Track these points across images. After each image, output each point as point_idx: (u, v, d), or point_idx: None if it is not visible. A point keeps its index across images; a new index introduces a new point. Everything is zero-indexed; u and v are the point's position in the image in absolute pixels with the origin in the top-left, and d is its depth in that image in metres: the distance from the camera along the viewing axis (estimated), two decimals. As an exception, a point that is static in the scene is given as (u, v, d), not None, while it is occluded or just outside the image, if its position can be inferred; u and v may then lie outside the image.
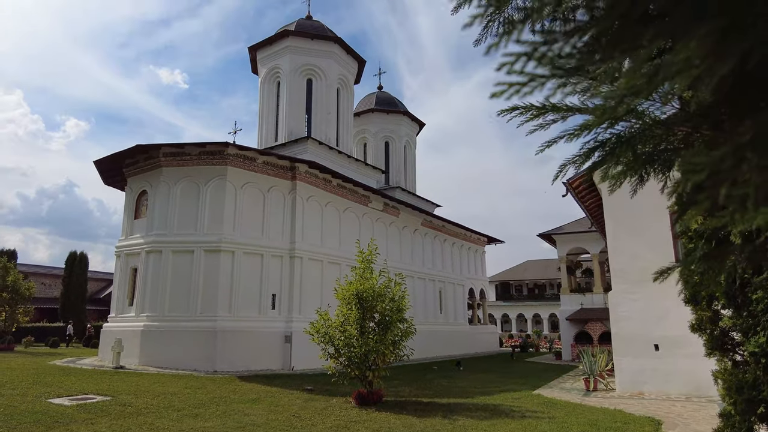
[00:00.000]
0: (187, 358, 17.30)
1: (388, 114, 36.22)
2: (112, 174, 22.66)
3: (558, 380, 16.67)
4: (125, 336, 18.17)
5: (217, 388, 13.05)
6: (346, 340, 11.20)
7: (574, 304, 28.55)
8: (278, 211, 20.47)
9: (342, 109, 29.64)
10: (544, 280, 58.53)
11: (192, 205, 19.21)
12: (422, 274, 29.42)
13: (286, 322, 19.47)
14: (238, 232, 19.08)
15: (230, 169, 19.29)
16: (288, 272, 20.18)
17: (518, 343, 38.79)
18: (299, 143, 25.67)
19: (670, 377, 12.78)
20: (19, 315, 26.27)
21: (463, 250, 35.43)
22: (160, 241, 19.06)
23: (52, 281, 44.95)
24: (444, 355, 28.53)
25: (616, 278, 14.20)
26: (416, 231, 29.73)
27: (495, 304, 57.29)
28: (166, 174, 19.68)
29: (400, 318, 11.63)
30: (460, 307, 33.43)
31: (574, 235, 29.17)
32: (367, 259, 12.19)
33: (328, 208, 22.78)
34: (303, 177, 21.29)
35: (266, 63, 28.95)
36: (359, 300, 11.45)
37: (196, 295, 18.24)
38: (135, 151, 19.70)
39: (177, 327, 17.96)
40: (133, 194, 21.17)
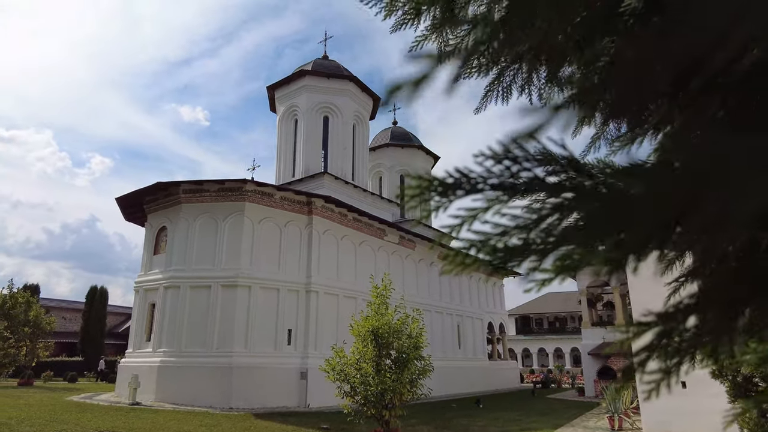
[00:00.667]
0: (202, 394, 17.20)
1: (403, 148, 36.65)
2: (133, 210, 23.16)
3: (581, 418, 16.13)
4: (142, 372, 18.18)
5: (232, 426, 12.91)
6: (362, 378, 11.05)
7: (596, 338, 27.82)
8: (294, 245, 20.62)
9: (357, 145, 30.09)
10: (564, 313, 57.32)
11: (210, 240, 19.47)
12: (440, 308, 29.08)
13: (302, 358, 19.31)
14: (254, 267, 19.22)
15: (248, 204, 19.59)
16: (304, 307, 20.15)
17: (539, 379, 37.74)
18: (316, 178, 26.03)
19: (698, 417, 12.26)
20: (39, 349, 26.52)
21: (481, 283, 34.98)
22: (179, 276, 19.26)
23: (73, 315, 45.49)
24: (463, 392, 27.84)
25: (638, 312, 13.86)
26: (433, 264, 29.54)
27: (515, 338, 56.09)
28: (185, 210, 20.05)
29: (418, 355, 11.46)
30: (479, 342, 32.80)
31: (593, 267, 28.65)
32: (381, 294, 12.13)
33: (344, 242, 22.86)
34: (319, 211, 21.49)
35: (284, 101, 29.70)
36: (375, 337, 11.34)
37: (212, 330, 18.28)
38: (156, 188, 20.17)
39: (193, 363, 17.94)
40: (152, 230, 21.56)
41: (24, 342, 25.83)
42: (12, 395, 18.96)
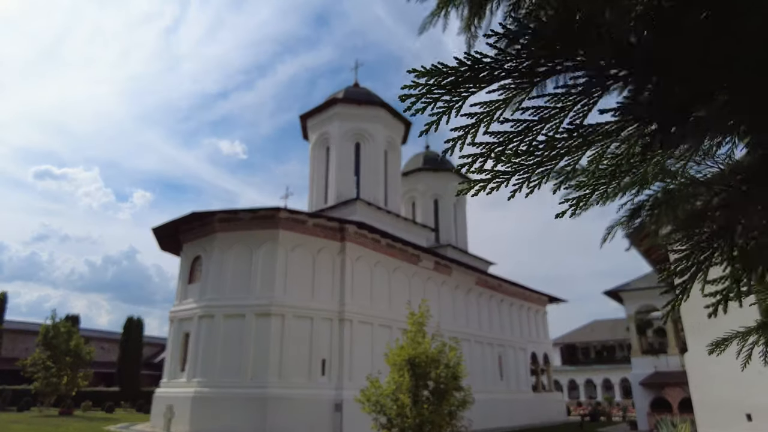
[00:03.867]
0: (236, 425, 16.83)
1: (436, 172, 36.29)
2: (168, 240, 23.47)
3: (637, 456, 14.88)
4: (177, 402, 17.97)
5: (264, 460, 12.43)
6: (399, 409, 10.48)
7: (648, 368, 26.14)
8: (327, 272, 20.33)
9: (390, 170, 29.95)
10: (612, 341, 54.64)
11: (244, 269, 19.41)
12: (479, 337, 28.03)
13: (336, 390, 18.75)
14: (288, 295, 18.98)
15: (281, 232, 19.51)
16: (337, 335, 19.69)
17: (587, 412, 35.70)
18: (348, 205, 25.90)
19: (772, 455, 11.03)
20: (79, 379, 26.86)
21: (523, 310, 33.73)
22: (213, 305, 19.20)
23: (110, 345, 46.31)
24: (506, 425, 26.48)
25: (692, 336, 12.79)
26: (470, 291, 28.68)
27: (560, 369, 53.63)
28: (219, 239, 20.13)
29: (457, 386, 10.84)
30: (522, 373, 31.37)
31: (642, 291, 27.20)
32: (418, 322, 11.62)
33: (378, 269, 22.44)
34: (352, 238, 21.22)
35: (316, 129, 30.00)
36: (411, 366, 10.79)
37: (246, 360, 18.01)
38: (191, 218, 20.39)
39: (227, 394, 17.64)
40: (187, 260, 21.72)
41: (65, 371, 26.23)
42: (53, 423, 19.08)
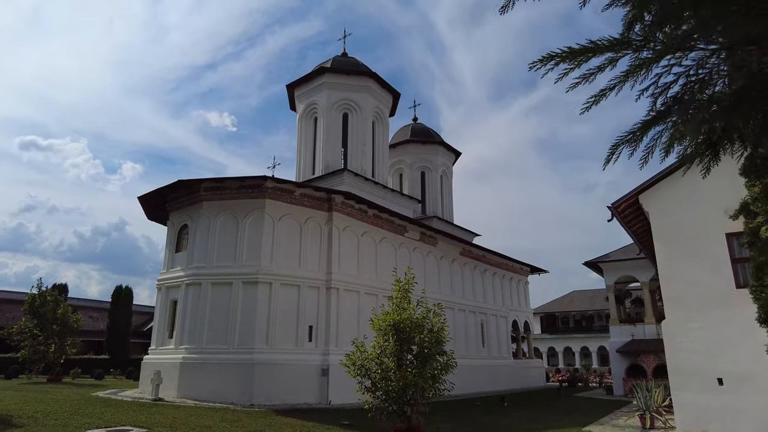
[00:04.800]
0: (224, 390, 17.18)
1: (424, 144, 36.30)
2: (155, 209, 23.34)
3: (610, 416, 15.58)
4: (164, 368, 18.27)
5: (252, 422, 12.80)
6: (383, 373, 10.78)
7: (625, 336, 27.03)
8: (315, 242, 20.49)
9: (377, 141, 29.88)
10: (591, 311, 56.11)
11: (231, 237, 19.47)
12: (462, 305, 28.64)
13: (323, 355, 19.17)
14: (275, 264, 19.14)
15: (268, 201, 19.52)
16: (324, 303, 20.01)
17: (566, 378, 36.95)
18: (336, 175, 25.90)
19: (738, 415, 11.66)
20: (67, 347, 26.98)
21: (505, 280, 34.43)
22: (200, 273, 19.31)
23: (99, 315, 46.43)
24: (487, 390, 27.37)
25: (670, 306, 13.29)
26: (455, 261, 29.14)
27: (540, 337, 55.13)
28: (206, 208, 20.09)
29: (440, 350, 11.14)
30: (503, 340, 32.25)
31: (621, 262, 27.88)
32: (404, 289, 11.85)
33: (365, 239, 22.65)
34: (339, 208, 21.32)
35: (304, 99, 29.68)
36: (396, 331, 11.06)
37: (233, 327, 18.26)
38: (177, 186, 20.26)
39: (215, 359, 17.95)
40: (174, 228, 21.69)
41: (53, 339, 26.29)
42: (41, 390, 19.26)
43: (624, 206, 14.77)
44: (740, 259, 12.57)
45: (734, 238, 12.70)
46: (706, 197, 13.14)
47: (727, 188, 12.72)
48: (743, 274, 12.51)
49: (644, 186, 14.10)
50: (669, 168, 13.85)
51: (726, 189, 12.76)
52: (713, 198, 12.98)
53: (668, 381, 13.09)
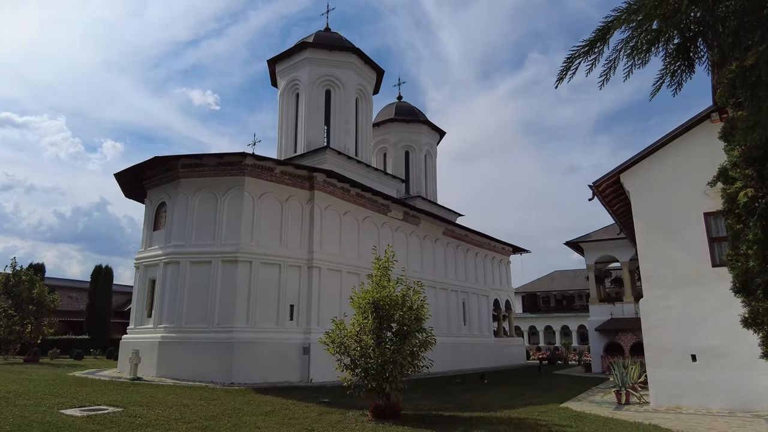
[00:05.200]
0: (204, 369, 17.07)
1: (408, 123, 35.96)
2: (132, 186, 22.83)
3: (587, 393, 15.84)
4: (143, 347, 18.06)
5: (231, 400, 12.72)
6: (362, 350, 10.74)
7: (604, 315, 27.48)
8: (296, 221, 20.26)
9: (361, 119, 29.48)
10: (572, 290, 56.97)
11: (210, 215, 19.13)
12: (445, 284, 28.77)
13: (304, 334, 19.11)
14: (255, 242, 18.90)
15: (248, 179, 19.18)
16: (306, 282, 19.88)
17: (546, 356, 37.61)
18: (318, 153, 25.54)
19: (710, 390, 11.91)
20: (44, 327, 26.55)
21: (487, 260, 34.65)
22: (178, 252, 18.99)
23: (79, 294, 45.80)
24: (468, 368, 27.72)
25: (648, 284, 13.42)
26: (438, 240, 29.17)
27: (522, 316, 55.91)
28: (184, 185, 19.68)
29: (419, 328, 11.12)
30: (484, 319, 32.58)
31: (602, 242, 28.18)
32: (384, 266, 11.76)
33: (347, 218, 22.47)
34: (321, 186, 21.06)
35: (285, 75, 29.07)
36: (376, 309, 11.00)
37: (213, 306, 18.07)
38: (154, 163, 19.78)
39: (194, 338, 17.78)
40: (152, 206, 21.25)
41: (29, 320, 25.84)
42: (15, 371, 18.93)
43: (605, 185, 14.78)
44: (717, 238, 12.70)
45: (712, 218, 12.82)
46: (686, 177, 13.20)
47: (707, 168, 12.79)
48: (719, 252, 12.65)
49: (626, 165, 14.11)
50: (650, 147, 13.87)
51: (706, 168, 12.83)
52: (693, 178, 13.04)
53: (644, 358, 13.31)
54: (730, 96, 3.17)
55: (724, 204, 3.41)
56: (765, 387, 11.19)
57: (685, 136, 13.45)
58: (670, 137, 13.55)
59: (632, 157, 14.09)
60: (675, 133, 13.49)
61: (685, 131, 13.41)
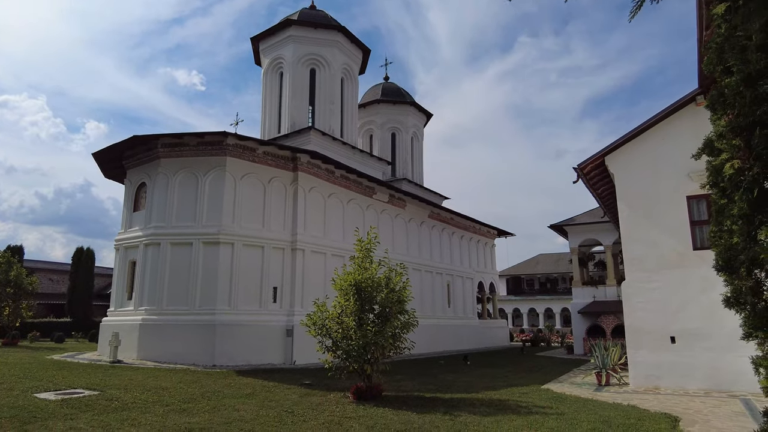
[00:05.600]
0: (185, 352, 16.89)
1: (395, 105, 35.56)
2: (112, 167, 22.29)
3: (569, 374, 16.02)
4: (123, 330, 17.82)
5: (212, 382, 12.59)
6: (344, 332, 10.67)
7: (587, 297, 27.78)
8: (279, 202, 19.98)
9: (346, 100, 29.05)
10: (556, 273, 57.62)
11: (191, 196, 18.77)
12: (429, 267, 28.80)
13: (288, 316, 19.00)
14: (237, 224, 18.61)
15: (229, 159, 18.80)
16: (290, 265, 19.70)
17: (529, 338, 38.07)
18: (302, 134, 25.14)
19: (688, 372, 12.07)
20: (22, 310, 26.09)
21: (472, 243, 34.74)
22: (159, 233, 18.65)
23: (60, 277, 45.11)
24: (452, 349, 27.94)
25: (631, 267, 13.49)
26: (423, 223, 29.10)
27: (506, 298, 56.49)
28: (164, 165, 19.25)
29: (401, 310, 11.06)
30: (469, 301, 32.77)
31: (586, 226, 28.36)
32: (366, 248, 11.63)
33: (332, 200, 22.24)
34: (305, 168, 20.75)
35: (269, 53, 28.44)
36: (358, 291, 10.90)
37: (194, 288, 17.83)
38: (133, 142, 19.29)
39: (175, 321, 17.56)
40: (132, 186, 20.80)
41: (6, 302, 25.36)
42: (-8, 354, 18.59)
43: (590, 168, 14.73)
44: (698, 221, 12.77)
45: (694, 201, 12.86)
46: (670, 160, 13.20)
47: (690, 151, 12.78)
48: (700, 236, 12.73)
49: (611, 147, 14.06)
50: (636, 130, 13.82)
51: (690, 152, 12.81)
52: (677, 161, 13.05)
53: (625, 340, 13.44)
54: (718, 62, 3.05)
55: (708, 177, 3.28)
56: (740, 368, 11.33)
57: (670, 119, 13.41)
58: (655, 120, 13.50)
59: (617, 139, 14.03)
60: (660, 116, 13.44)
61: (670, 114, 13.36)
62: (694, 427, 7.96)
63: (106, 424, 7.56)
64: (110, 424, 7.52)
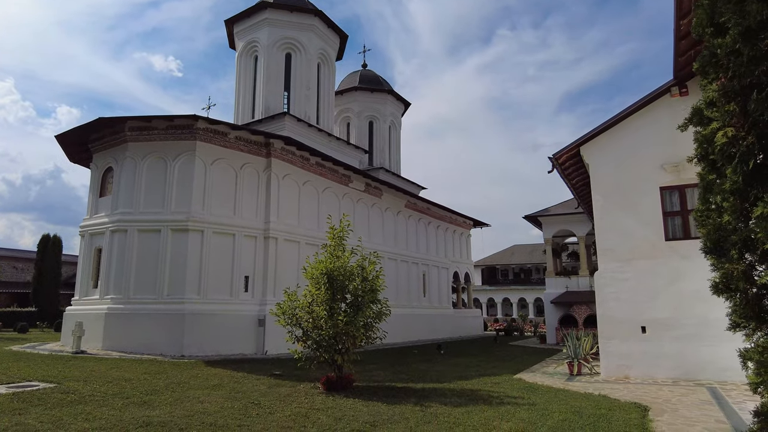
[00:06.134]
0: (153, 342, 16.40)
1: (372, 92, 35.12)
2: (77, 150, 21.42)
3: (541, 364, 16.08)
4: (88, 319, 17.20)
5: (179, 373, 12.20)
6: (314, 321, 10.40)
7: (560, 287, 28.06)
8: (252, 189, 19.49)
9: (323, 86, 28.52)
10: (530, 264, 58.28)
11: (159, 181, 18.15)
12: (405, 256, 28.67)
13: (260, 305, 18.62)
14: (207, 211, 18.08)
15: (199, 144, 18.21)
16: (262, 253, 19.28)
17: (503, 327, 38.39)
18: (276, 119, 24.58)
19: (657, 361, 12.19)
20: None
21: (448, 233, 34.73)
22: (126, 219, 18.01)
23: (26, 265, 43.63)
24: (427, 339, 27.95)
25: (604, 257, 13.52)
26: (399, 213, 28.91)
27: (481, 288, 56.93)
28: (132, 149, 18.55)
29: (374, 299, 10.83)
30: (444, 291, 32.83)
31: (560, 217, 28.57)
32: (338, 236, 11.35)
33: (306, 188, 21.82)
34: (278, 154, 20.27)
35: (244, 36, 27.70)
36: (329, 279, 10.62)
37: (163, 276, 17.29)
38: (99, 124, 18.52)
39: (143, 310, 17.02)
40: (98, 171, 20.01)
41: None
42: (-53, 344, 17.78)
43: (565, 158, 14.68)
44: (671, 212, 12.84)
45: (667, 192, 12.92)
46: (644, 151, 13.23)
47: (664, 142, 12.84)
48: (673, 227, 12.81)
49: (586, 137, 14.01)
50: (611, 120, 13.79)
51: (664, 143, 12.88)
52: (651, 151, 13.09)
53: (597, 330, 13.50)
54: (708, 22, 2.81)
55: (696, 149, 3.02)
56: (707, 357, 11.50)
57: (645, 110, 13.41)
58: (630, 111, 13.48)
59: (592, 129, 13.99)
60: (635, 107, 13.43)
61: (645, 105, 13.36)
62: (662, 416, 7.96)
63: (58, 419, 7.15)
64: (62, 419, 7.12)
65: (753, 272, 3.12)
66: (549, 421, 7.46)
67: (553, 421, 7.46)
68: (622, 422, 7.37)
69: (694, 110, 3.13)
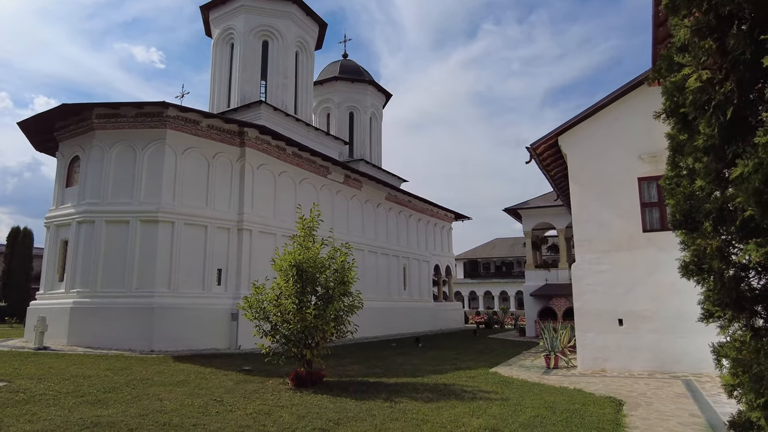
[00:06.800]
0: (121, 337, 15.84)
1: (353, 83, 34.58)
2: (43, 138, 20.58)
3: (518, 357, 15.91)
4: (53, 314, 16.55)
5: (143, 369, 11.72)
6: (283, 315, 10.01)
7: (539, 280, 28.01)
8: (225, 179, 18.93)
9: (301, 75, 27.93)
10: (511, 257, 58.44)
11: (128, 171, 17.50)
12: (386, 249, 28.34)
13: (233, 299, 18.11)
14: (178, 201, 17.50)
15: (170, 132, 17.59)
16: (236, 246, 18.77)
17: (483, 320, 38.39)
18: (252, 108, 23.95)
19: (633, 353, 12.06)
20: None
21: (429, 226, 34.49)
22: (93, 210, 17.34)
23: (-4, 258, 42.19)
24: (406, 332, 27.71)
25: (581, 248, 13.34)
26: (380, 205, 28.54)
27: (462, 281, 56.95)
28: (99, 137, 17.85)
29: (345, 291, 10.46)
30: (424, 284, 32.62)
31: (540, 209, 28.46)
32: (308, 227, 10.95)
33: (282, 178, 21.31)
34: (253, 143, 19.72)
35: (219, 23, 26.94)
36: (298, 271, 10.22)
37: (131, 269, 16.69)
38: (63, 111, 17.78)
39: (110, 304, 16.43)
40: (64, 160, 19.25)
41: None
42: None
43: (543, 148, 14.44)
44: (649, 203, 12.70)
45: (645, 183, 12.77)
46: (622, 141, 13.05)
47: (642, 132, 12.65)
48: (650, 218, 12.67)
49: (564, 127, 13.79)
50: (589, 110, 13.58)
51: (641, 133, 12.69)
52: (629, 142, 12.92)
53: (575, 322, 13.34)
54: None
55: (665, 103, 2.61)
56: (682, 349, 11.40)
57: (622, 99, 13.21)
58: (608, 100, 13.28)
59: (570, 119, 13.77)
60: (613, 96, 13.23)
61: (623, 95, 13.16)
62: (637, 411, 7.77)
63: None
64: (3, 420, 6.64)
65: (730, 249, 2.67)
66: (521, 417, 7.20)
67: (525, 417, 7.20)
68: (595, 417, 7.14)
69: (662, 57, 2.78)
